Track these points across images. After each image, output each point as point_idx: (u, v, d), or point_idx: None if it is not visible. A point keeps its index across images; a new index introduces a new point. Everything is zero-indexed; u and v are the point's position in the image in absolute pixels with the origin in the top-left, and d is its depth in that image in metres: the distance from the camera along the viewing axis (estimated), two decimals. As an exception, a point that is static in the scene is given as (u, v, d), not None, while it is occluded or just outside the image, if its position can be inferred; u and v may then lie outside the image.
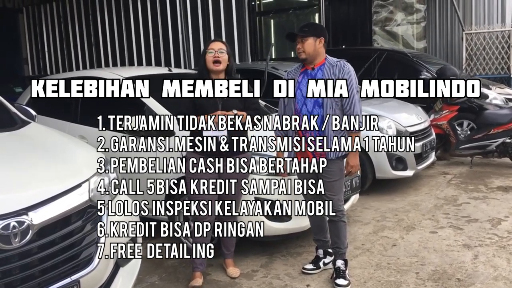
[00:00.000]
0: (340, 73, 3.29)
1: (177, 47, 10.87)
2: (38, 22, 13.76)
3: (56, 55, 13.43)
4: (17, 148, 2.72)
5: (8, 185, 2.26)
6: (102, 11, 12.13)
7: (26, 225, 2.10)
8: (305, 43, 3.35)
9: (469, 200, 5.34)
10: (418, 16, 11.57)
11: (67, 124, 4.60)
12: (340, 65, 3.32)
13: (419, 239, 4.28)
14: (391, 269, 3.70)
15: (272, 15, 13.69)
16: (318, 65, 3.37)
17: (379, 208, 5.16)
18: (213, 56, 3.36)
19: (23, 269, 2.11)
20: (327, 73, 3.31)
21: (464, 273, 3.59)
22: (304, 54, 3.37)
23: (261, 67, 6.98)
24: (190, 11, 10.52)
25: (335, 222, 3.47)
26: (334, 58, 3.40)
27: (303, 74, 3.42)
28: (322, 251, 3.71)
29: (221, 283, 3.58)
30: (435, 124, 6.72)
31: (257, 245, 4.09)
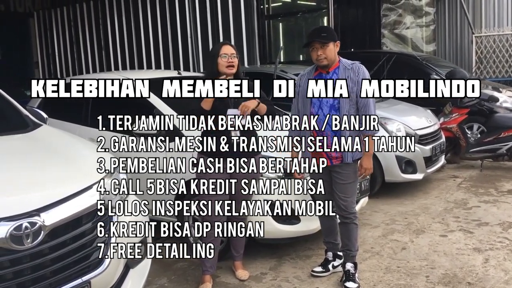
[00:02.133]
0: (355, 75, 3.28)
1: (186, 50, 10.91)
2: (48, 26, 13.88)
3: (67, 59, 13.53)
4: (29, 150, 2.76)
5: (20, 187, 2.28)
6: (112, 16, 12.21)
7: (38, 226, 2.12)
8: (326, 49, 3.29)
9: (480, 203, 5.31)
10: (428, 19, 11.50)
11: (77, 127, 4.65)
12: (355, 67, 3.31)
13: (429, 242, 4.25)
14: (401, 273, 3.68)
15: (281, 19, 13.68)
16: (333, 69, 3.35)
17: (389, 211, 5.14)
18: (227, 61, 3.35)
19: (35, 270, 2.13)
20: (342, 76, 3.30)
21: (474, 277, 3.57)
22: (326, 61, 3.31)
23: (270, 70, 6.99)
24: (199, 15, 10.57)
25: (346, 224, 3.46)
26: (348, 61, 3.37)
27: (317, 78, 3.39)
28: (331, 254, 3.70)
29: (230, 285, 3.58)
30: (445, 127, 6.69)
31: (266, 248, 4.09)
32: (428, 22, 11.52)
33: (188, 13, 10.41)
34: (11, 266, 2.06)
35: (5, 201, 2.16)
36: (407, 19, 11.73)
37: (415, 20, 11.68)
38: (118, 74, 5.21)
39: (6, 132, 2.94)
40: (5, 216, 2.06)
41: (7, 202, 2.15)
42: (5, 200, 2.16)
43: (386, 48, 11.50)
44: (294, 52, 13.83)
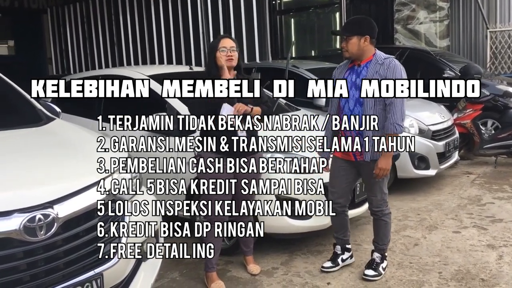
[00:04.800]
0: (385, 71, 3.21)
1: (197, 45, 10.92)
2: (62, 23, 13.97)
3: (80, 55, 13.63)
4: (43, 143, 2.78)
5: (34, 179, 2.30)
6: (124, 12, 12.26)
7: (51, 218, 2.14)
8: (348, 42, 3.29)
9: (494, 200, 5.24)
10: (441, 14, 11.38)
11: (90, 121, 4.67)
12: (386, 62, 3.24)
13: (442, 238, 4.21)
14: (413, 268, 3.65)
15: (293, 14, 13.63)
16: (365, 62, 3.32)
17: (401, 207, 5.10)
18: (227, 55, 3.29)
19: (48, 261, 2.15)
20: (371, 71, 3.26)
21: (488, 273, 3.53)
22: (348, 53, 3.33)
23: (281, 65, 6.97)
24: (211, 10, 10.56)
25: (375, 220, 3.55)
26: (383, 55, 3.31)
27: (350, 70, 3.38)
28: (340, 247, 3.70)
29: (241, 280, 3.59)
30: (458, 123, 6.62)
31: (277, 243, 4.09)
32: (442, 17, 11.40)
33: (200, 8, 10.41)
34: (25, 258, 2.08)
35: (19, 193, 2.18)
36: (421, 14, 11.62)
37: (428, 15, 11.57)
38: (130, 69, 5.22)
39: (19, 125, 2.97)
40: (19, 208, 2.08)
41: (20, 194, 2.17)
42: (19, 193, 2.18)
43: (399, 43, 11.40)
44: (306, 47, 13.77)
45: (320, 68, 6.91)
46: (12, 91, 3.33)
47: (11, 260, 2.04)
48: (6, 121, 3.01)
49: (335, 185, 3.55)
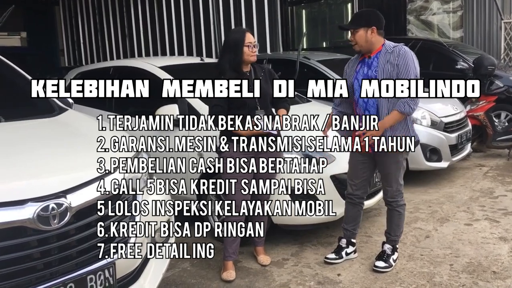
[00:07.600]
0: (395, 59, 3.23)
1: (208, 37, 10.91)
2: (74, 14, 14.03)
3: (91, 46, 13.69)
4: (56, 133, 2.81)
5: (47, 169, 2.32)
6: (136, 3, 12.27)
7: (65, 207, 2.16)
8: (356, 35, 3.32)
9: (506, 192, 5.20)
10: (455, 5, 11.22)
11: (102, 113, 4.67)
12: (396, 50, 3.26)
13: (454, 231, 4.19)
14: (424, 261, 3.64)
15: (304, 5, 13.54)
16: (375, 53, 3.33)
17: (412, 199, 5.08)
18: (252, 51, 3.34)
19: (61, 250, 2.17)
20: (382, 61, 3.27)
21: (500, 266, 3.51)
22: (357, 46, 3.35)
23: (293, 57, 6.94)
24: (222, 1, 10.52)
25: (389, 210, 3.57)
26: (392, 43, 3.34)
27: (361, 63, 3.41)
28: (345, 241, 3.71)
29: (252, 270, 3.61)
30: (471, 115, 6.55)
31: (287, 234, 4.10)
32: (455, 8, 11.24)
33: (211, 0, 10.38)
34: (39, 246, 2.11)
35: (33, 182, 2.20)
36: (434, 5, 11.47)
37: (442, 6, 11.41)
38: (141, 61, 5.23)
39: (32, 116, 2.99)
40: (33, 197, 2.10)
41: (34, 183, 2.20)
42: (33, 182, 2.21)
43: (412, 34, 11.28)
44: (317, 39, 13.69)
45: (332, 60, 6.87)
46: (25, 82, 3.35)
47: (25, 249, 2.07)
48: (20, 111, 3.05)
49: (353, 178, 3.57)
